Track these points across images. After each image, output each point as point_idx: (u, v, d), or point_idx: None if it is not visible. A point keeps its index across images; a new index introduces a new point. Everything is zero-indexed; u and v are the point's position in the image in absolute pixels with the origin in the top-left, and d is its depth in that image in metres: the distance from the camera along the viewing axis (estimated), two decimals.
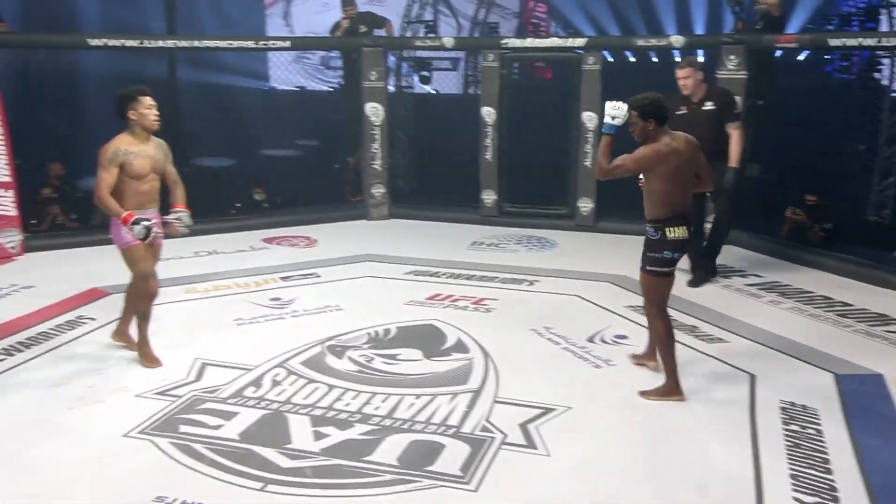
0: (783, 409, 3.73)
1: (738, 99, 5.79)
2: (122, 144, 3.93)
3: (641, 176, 3.74)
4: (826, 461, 3.26)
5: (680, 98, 5.46)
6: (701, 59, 7.13)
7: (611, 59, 9.00)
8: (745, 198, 6.74)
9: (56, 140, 7.57)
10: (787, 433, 3.49)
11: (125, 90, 3.97)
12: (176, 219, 4.12)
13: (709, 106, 5.44)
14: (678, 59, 7.00)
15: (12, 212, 6.14)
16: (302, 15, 11.45)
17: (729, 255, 6.38)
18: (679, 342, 4.52)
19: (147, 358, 4.17)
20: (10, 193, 6.11)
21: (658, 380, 3.91)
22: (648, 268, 3.75)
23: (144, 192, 4.00)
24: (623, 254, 6.43)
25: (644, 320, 4.83)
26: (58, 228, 6.92)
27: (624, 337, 4.63)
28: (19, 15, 10.01)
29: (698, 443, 3.44)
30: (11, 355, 4.28)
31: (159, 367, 4.12)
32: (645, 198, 3.74)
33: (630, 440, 3.46)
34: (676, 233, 3.65)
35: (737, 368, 4.20)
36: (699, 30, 11.37)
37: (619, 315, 5.02)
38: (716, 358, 4.34)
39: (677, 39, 6.94)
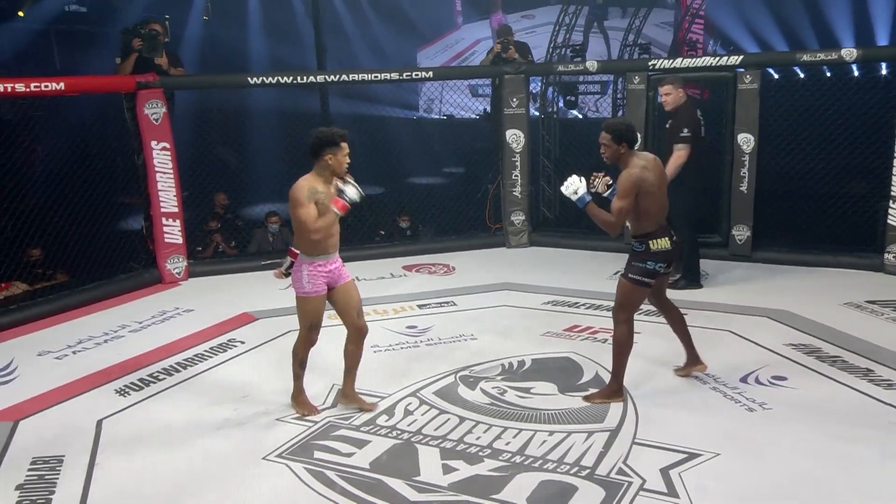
0: None
1: (695, 121, 5.69)
2: (314, 184, 3.76)
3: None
4: None
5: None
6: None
7: (776, 76, 8.41)
8: None
9: (222, 172, 8.13)
10: None
11: (327, 132, 3.81)
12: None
13: (668, 125, 5.73)
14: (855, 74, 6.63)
15: (178, 240, 6.63)
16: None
17: None
18: (849, 386, 4.09)
19: (302, 406, 4.01)
20: (177, 223, 6.61)
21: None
22: (630, 275, 3.88)
23: (331, 235, 3.86)
24: (783, 286, 5.97)
25: (806, 360, 4.45)
26: (219, 255, 7.40)
27: (782, 378, 4.21)
28: (200, 59, 11.05)
29: (869, 502, 3.02)
30: (170, 374, 4.58)
31: (315, 414, 3.97)
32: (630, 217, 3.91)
33: (785, 495, 3.10)
34: (660, 244, 3.83)
35: None
36: (882, 41, 10.37)
37: (778, 354, 4.58)
38: (894, 406, 3.83)
39: (849, 53, 6.33)
